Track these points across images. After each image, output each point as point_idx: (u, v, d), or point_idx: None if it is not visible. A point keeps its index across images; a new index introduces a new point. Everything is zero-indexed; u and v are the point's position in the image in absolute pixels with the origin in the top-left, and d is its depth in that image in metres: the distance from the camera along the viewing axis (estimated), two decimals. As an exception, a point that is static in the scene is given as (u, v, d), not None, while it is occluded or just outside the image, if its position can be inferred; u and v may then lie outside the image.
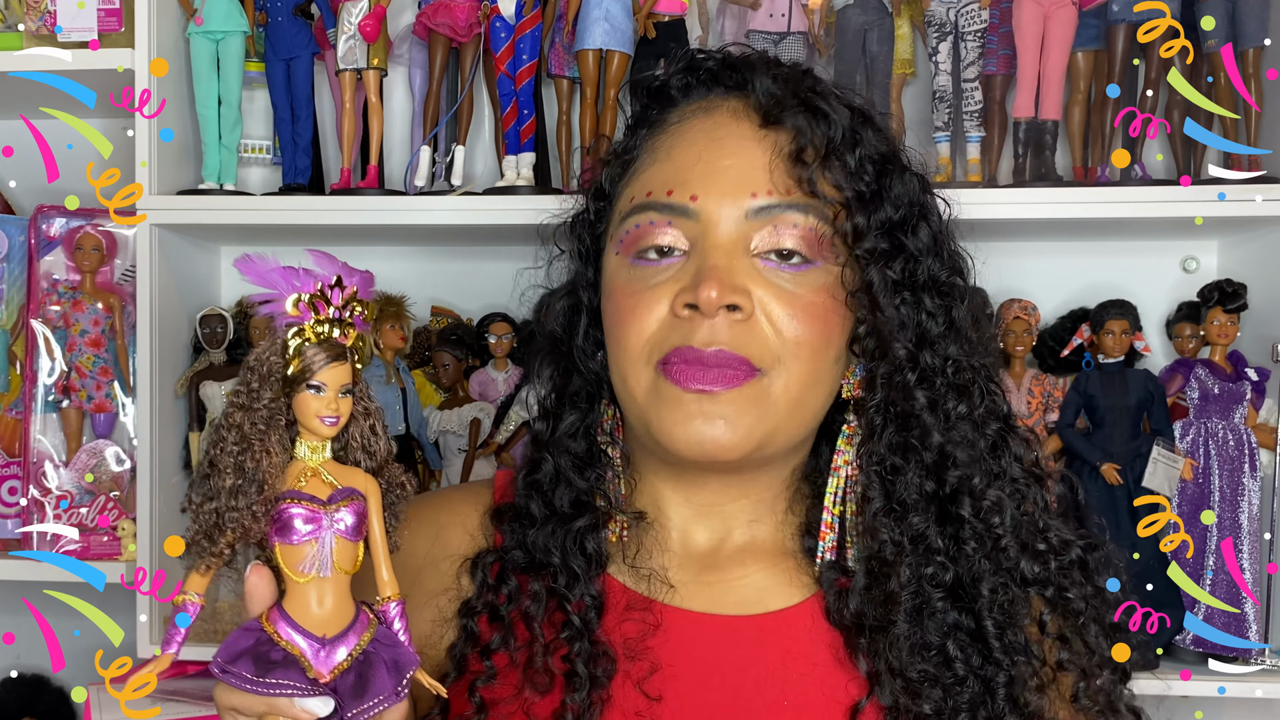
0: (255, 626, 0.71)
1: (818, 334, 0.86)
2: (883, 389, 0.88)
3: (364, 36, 1.51)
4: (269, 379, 0.72)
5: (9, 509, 1.63)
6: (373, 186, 1.56)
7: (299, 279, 0.74)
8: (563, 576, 0.90)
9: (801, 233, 0.86)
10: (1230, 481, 1.47)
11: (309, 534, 0.70)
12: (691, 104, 0.93)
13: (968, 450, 0.88)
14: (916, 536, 0.87)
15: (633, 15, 1.52)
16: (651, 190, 0.89)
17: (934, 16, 1.53)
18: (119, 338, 1.61)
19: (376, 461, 0.76)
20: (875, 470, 0.89)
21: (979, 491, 0.88)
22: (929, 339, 0.89)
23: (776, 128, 0.88)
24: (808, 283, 0.86)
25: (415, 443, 1.62)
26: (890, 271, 0.87)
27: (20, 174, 1.75)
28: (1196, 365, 1.51)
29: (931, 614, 0.86)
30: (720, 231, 0.85)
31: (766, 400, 0.85)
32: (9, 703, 1.74)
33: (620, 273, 0.90)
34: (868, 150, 0.89)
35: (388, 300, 1.63)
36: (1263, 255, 1.57)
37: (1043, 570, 0.89)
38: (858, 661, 0.87)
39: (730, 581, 0.92)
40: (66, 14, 1.51)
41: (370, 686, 0.71)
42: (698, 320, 0.84)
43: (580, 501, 0.92)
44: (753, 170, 0.86)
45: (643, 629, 0.88)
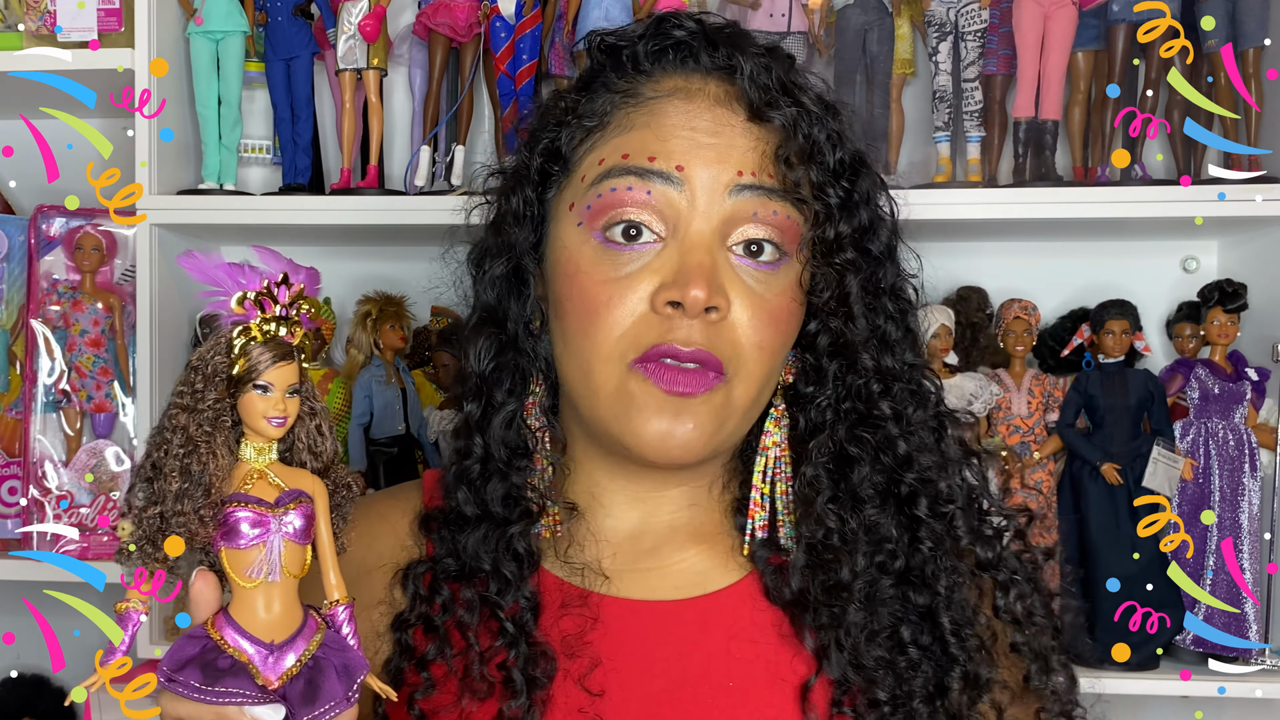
0: (201, 634, 0.69)
1: (778, 339, 0.85)
2: (837, 386, 0.88)
3: (364, 36, 1.51)
4: (213, 379, 0.70)
5: (9, 509, 1.63)
6: (373, 186, 1.56)
7: (244, 276, 0.71)
8: (495, 583, 0.87)
9: (780, 221, 0.84)
10: (1230, 481, 1.47)
11: (256, 538, 0.68)
12: (668, 79, 0.88)
13: (926, 455, 0.88)
14: (870, 527, 0.87)
15: (632, 15, 1.52)
16: (629, 154, 0.84)
17: (934, 16, 1.53)
18: (119, 338, 1.61)
19: (323, 463, 0.74)
20: (824, 462, 0.88)
21: (934, 490, 0.88)
22: (890, 345, 0.89)
23: (763, 123, 0.85)
24: (773, 285, 0.84)
25: (415, 443, 1.62)
26: (861, 281, 0.87)
27: (20, 174, 1.75)
28: (1196, 365, 1.51)
29: (883, 600, 0.86)
30: (703, 210, 0.82)
31: (728, 407, 0.84)
32: (9, 703, 1.74)
33: (584, 251, 0.84)
34: (845, 151, 0.88)
35: (388, 300, 1.63)
36: (1263, 255, 1.57)
37: (994, 554, 0.90)
38: (803, 638, 0.86)
39: (667, 566, 0.90)
40: (66, 14, 1.51)
41: (320, 692, 0.68)
42: (679, 319, 0.81)
43: (511, 498, 0.89)
44: (738, 151, 0.84)
45: (581, 624, 0.87)
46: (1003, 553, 0.90)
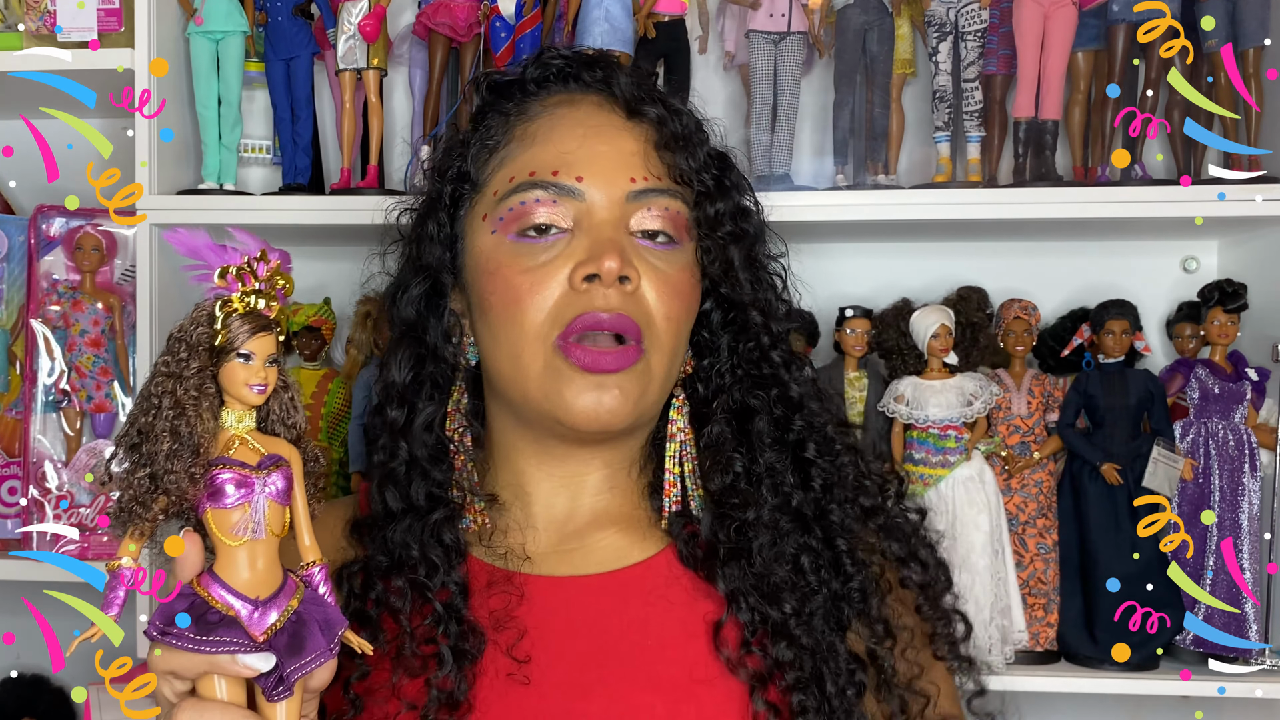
0: (188, 591, 0.72)
1: (683, 310, 0.95)
2: (730, 354, 1.00)
3: (364, 36, 1.51)
4: (196, 349, 0.73)
5: (9, 509, 1.63)
6: (373, 186, 1.56)
7: (226, 253, 0.75)
8: (423, 567, 0.93)
9: (670, 216, 0.95)
10: (1230, 481, 1.47)
11: (240, 498, 0.72)
12: (553, 96, 1.00)
13: (814, 403, 1.00)
14: (770, 470, 0.97)
15: (633, 15, 1.52)
16: (535, 170, 0.94)
17: (934, 16, 1.53)
18: (119, 338, 1.61)
19: (295, 433, 0.78)
20: (727, 419, 0.99)
21: (823, 435, 1.00)
22: (772, 309, 1.01)
23: (640, 120, 0.97)
24: (674, 262, 0.95)
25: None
26: (742, 250, 0.98)
27: (20, 174, 1.75)
28: (1196, 365, 1.51)
29: (785, 534, 0.95)
30: (604, 210, 0.93)
31: (647, 376, 0.93)
32: (9, 703, 1.74)
33: (500, 250, 0.94)
34: (708, 143, 1.00)
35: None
36: (1263, 255, 1.57)
37: (875, 502, 1.01)
38: (717, 584, 0.93)
39: (588, 547, 0.97)
40: (66, 14, 1.51)
41: (305, 644, 0.72)
42: (595, 290, 0.90)
43: (434, 495, 0.96)
44: (629, 156, 0.95)
45: (507, 600, 0.93)
46: (883, 503, 1.02)
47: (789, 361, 1.01)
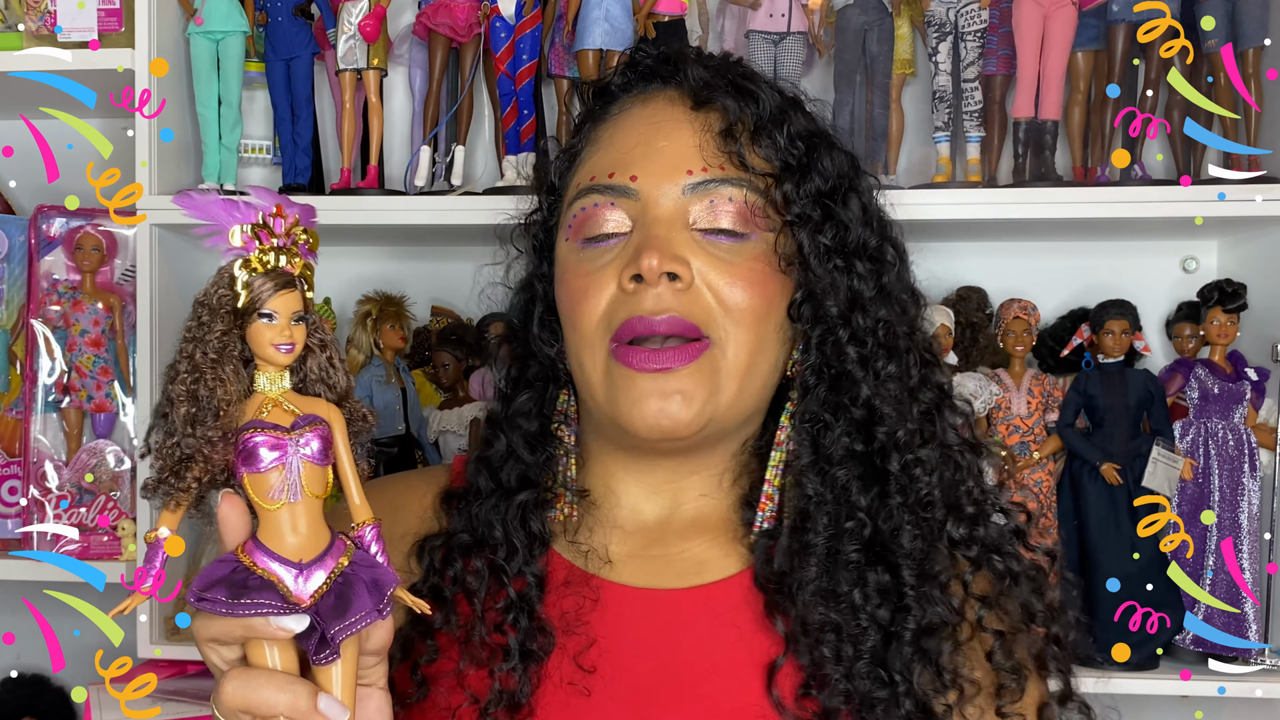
0: (231, 558, 0.71)
1: (758, 300, 0.89)
2: (817, 350, 0.92)
3: (364, 36, 1.51)
4: (219, 311, 0.72)
5: (9, 509, 1.63)
6: (373, 186, 1.56)
7: (239, 210, 0.73)
8: (503, 550, 0.91)
9: (736, 207, 0.90)
10: (1230, 481, 1.47)
11: (275, 460, 0.70)
12: (631, 97, 0.98)
13: (895, 407, 0.90)
14: (840, 490, 0.90)
15: (633, 15, 1.52)
16: (595, 175, 0.93)
17: (934, 16, 1.53)
18: (119, 338, 1.61)
19: (336, 394, 0.76)
20: (805, 427, 0.92)
21: (906, 447, 0.90)
22: (860, 301, 0.91)
23: (708, 108, 0.93)
24: (745, 253, 0.90)
25: (415, 443, 1.62)
26: (821, 237, 0.91)
27: (20, 174, 1.75)
28: (1196, 365, 1.51)
29: (845, 565, 0.88)
30: (659, 207, 0.89)
31: (718, 373, 0.88)
32: (9, 703, 1.74)
33: (570, 257, 0.93)
34: (796, 127, 0.93)
35: (388, 300, 1.63)
36: (1263, 255, 1.57)
37: (968, 532, 0.91)
38: (775, 622, 0.89)
39: (672, 555, 0.94)
40: (66, 14, 1.51)
41: (351, 605, 0.70)
42: (643, 291, 0.87)
43: (527, 478, 0.95)
44: (687, 149, 0.91)
45: (580, 603, 0.91)
46: (981, 534, 0.92)
47: (870, 358, 0.91)
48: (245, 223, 0.72)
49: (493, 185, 1.56)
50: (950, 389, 0.96)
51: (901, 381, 0.92)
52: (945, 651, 0.87)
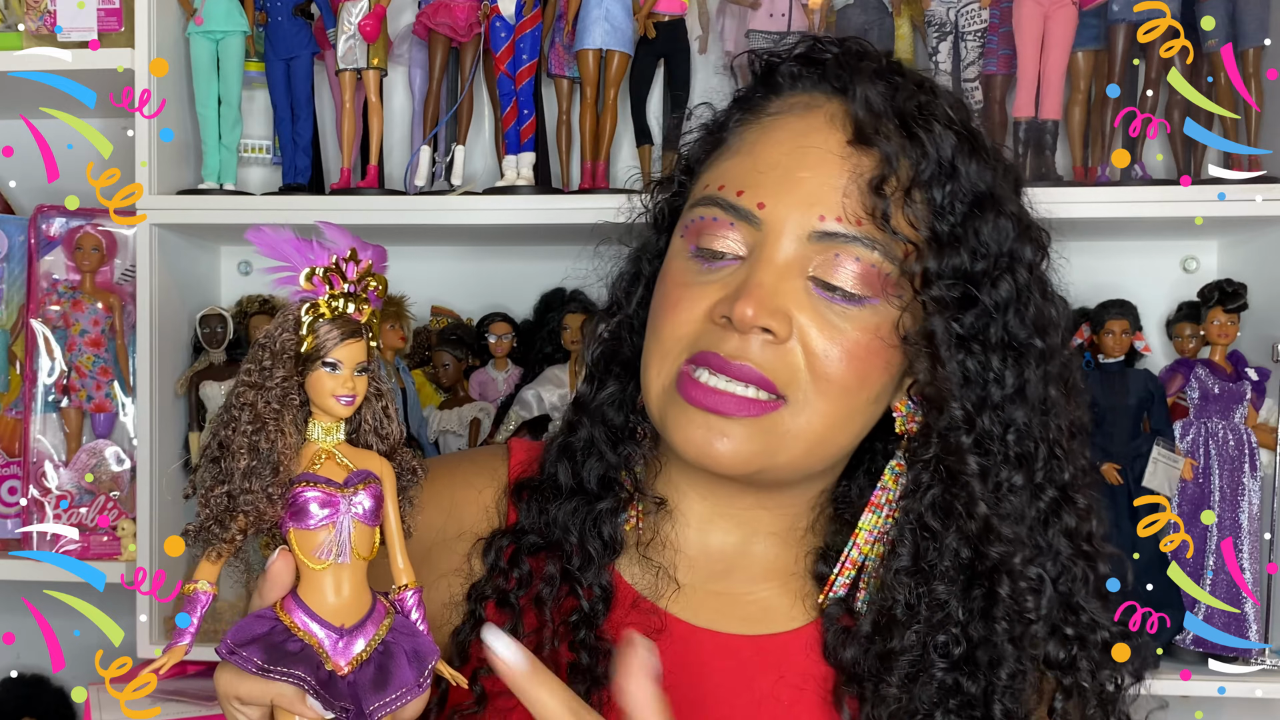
0: (270, 615, 0.68)
1: (853, 375, 0.81)
2: (937, 445, 0.83)
3: (364, 36, 1.51)
4: (281, 356, 0.68)
5: (9, 509, 1.63)
6: (373, 186, 1.56)
7: (313, 251, 0.69)
8: (577, 558, 0.87)
9: (862, 269, 0.80)
10: (1230, 481, 1.47)
11: (325, 518, 0.67)
12: (794, 96, 0.87)
13: (1014, 526, 0.82)
14: (936, 604, 0.83)
15: (633, 15, 1.52)
16: (724, 184, 0.84)
17: (934, 16, 1.53)
18: (119, 338, 1.61)
19: (389, 445, 0.73)
20: (910, 527, 0.84)
21: (1019, 571, 0.82)
22: (991, 402, 0.82)
23: (865, 148, 0.82)
24: (858, 320, 0.81)
25: (415, 443, 1.62)
26: (957, 325, 0.81)
27: (20, 174, 1.75)
28: (1196, 365, 1.51)
29: (929, 682, 0.82)
30: (779, 247, 0.81)
31: (778, 434, 0.81)
32: (9, 703, 1.74)
33: (678, 258, 0.86)
34: (960, 187, 0.82)
35: (388, 300, 1.63)
36: (1263, 255, 1.57)
37: (1066, 656, 0.85)
38: (842, 708, 0.85)
39: (737, 595, 0.90)
40: (66, 14, 1.51)
41: (392, 679, 0.68)
42: (730, 332, 0.80)
43: (607, 480, 0.89)
44: (828, 190, 0.81)
45: (646, 632, 0.84)
46: (1078, 657, 0.85)
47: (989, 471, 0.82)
48: (318, 265, 0.69)
49: (493, 185, 1.56)
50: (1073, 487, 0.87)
51: (1026, 490, 0.84)
52: None
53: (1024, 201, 0.89)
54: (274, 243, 0.70)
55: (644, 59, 1.55)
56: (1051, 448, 0.85)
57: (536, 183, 1.55)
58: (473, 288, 1.75)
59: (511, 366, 1.65)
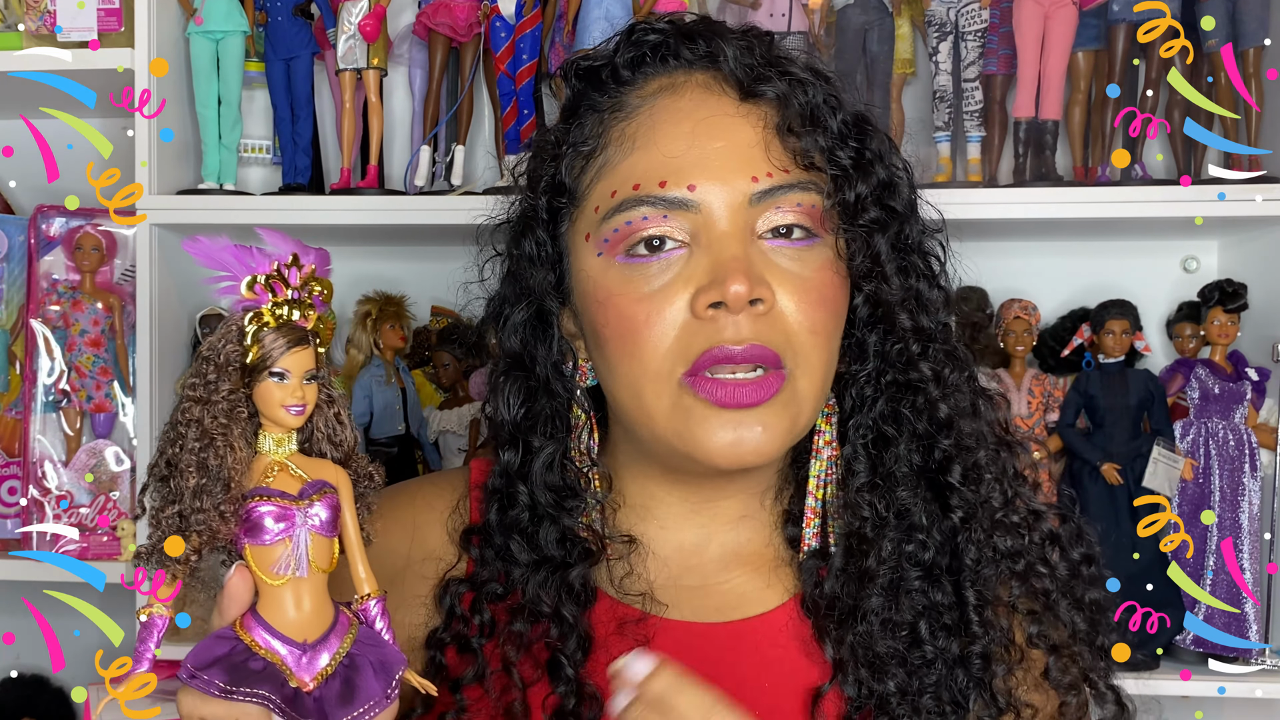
0: (230, 634, 0.66)
1: (830, 319, 0.82)
2: (877, 359, 0.85)
3: (364, 36, 1.51)
4: (226, 368, 0.66)
5: (9, 509, 1.63)
6: (373, 186, 1.56)
7: (253, 259, 0.68)
8: (556, 627, 0.84)
9: (805, 210, 0.81)
10: (1230, 481, 1.47)
11: (281, 532, 0.65)
12: (650, 81, 0.86)
13: (966, 421, 0.85)
14: (901, 511, 0.84)
15: (633, 15, 1.52)
16: (639, 182, 0.81)
17: (934, 16, 1.53)
18: (119, 338, 1.61)
19: (343, 452, 0.71)
20: (863, 443, 0.86)
21: (972, 459, 0.85)
22: (925, 304, 0.85)
23: (756, 100, 0.83)
24: (814, 261, 0.82)
25: (415, 443, 1.62)
26: (894, 239, 0.84)
27: (20, 174, 1.75)
28: (1197, 365, 1.51)
29: (907, 591, 0.84)
30: (726, 219, 0.80)
31: (796, 403, 0.81)
32: (9, 703, 1.74)
33: (609, 275, 0.82)
34: (846, 113, 0.85)
35: (388, 300, 1.63)
36: (1263, 255, 1.57)
37: (1015, 543, 0.86)
38: (825, 647, 0.85)
39: (711, 587, 0.89)
40: (66, 14, 1.51)
41: (359, 692, 0.66)
42: (723, 318, 0.78)
43: (567, 540, 0.87)
44: (748, 149, 0.81)
45: (634, 646, 0.84)
46: (1025, 544, 0.86)
47: (940, 369, 0.85)
48: (258, 272, 0.67)
49: (493, 185, 1.56)
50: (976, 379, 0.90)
51: (962, 388, 0.86)
52: (999, 674, 0.83)
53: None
54: (212, 251, 0.68)
55: (644, 59, 1.55)
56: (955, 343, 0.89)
57: (536, 183, 1.55)
58: (473, 288, 1.75)
59: (511, 366, 1.65)
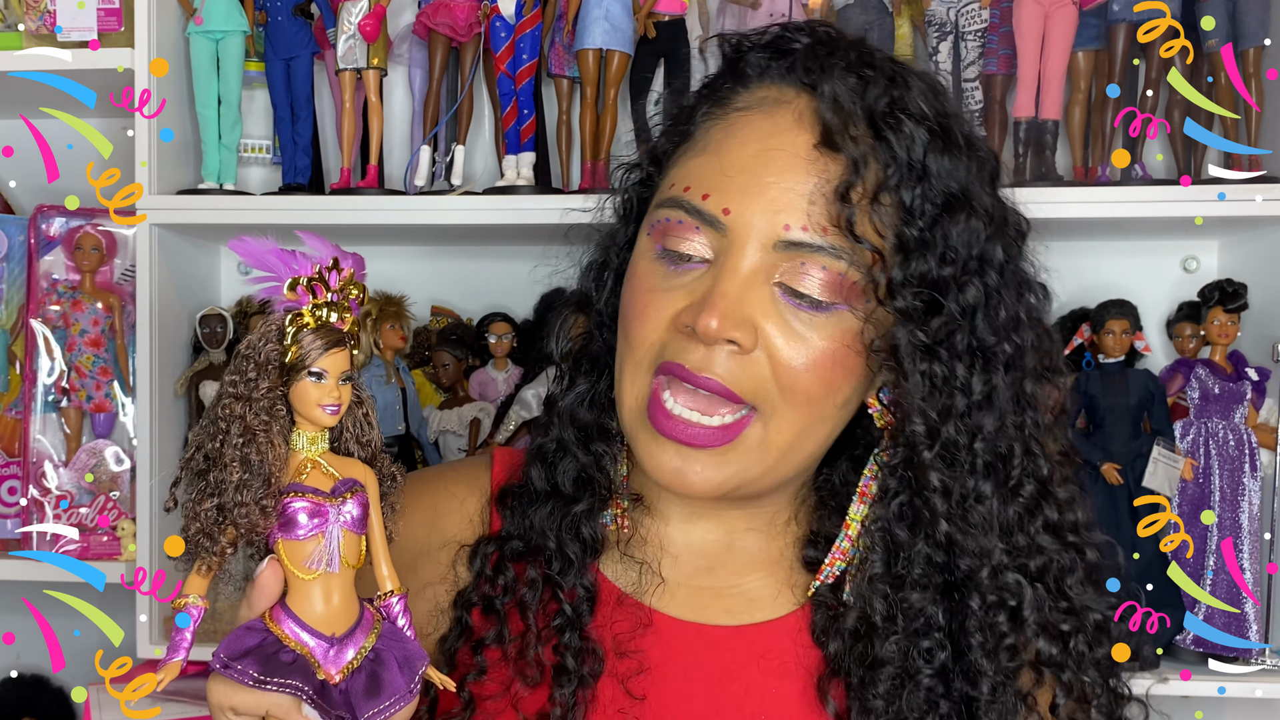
0: (260, 626, 0.68)
1: (819, 384, 0.80)
2: (903, 452, 0.82)
3: (364, 36, 1.51)
4: (266, 367, 0.68)
5: (9, 509, 1.63)
6: (373, 186, 1.56)
7: (296, 261, 0.70)
8: (557, 562, 0.87)
9: (828, 278, 0.79)
10: (1230, 481, 1.47)
11: (314, 528, 0.68)
12: (763, 88, 0.85)
13: (982, 538, 0.81)
14: (913, 612, 0.82)
15: (633, 15, 1.52)
16: (690, 185, 0.82)
17: (934, 16, 1.53)
18: (119, 337, 1.61)
19: (370, 452, 0.73)
20: (879, 534, 0.84)
21: (988, 585, 0.82)
22: (956, 411, 0.80)
23: (832, 153, 0.80)
24: (824, 328, 0.80)
25: (415, 443, 1.62)
26: (922, 334, 0.80)
27: (20, 174, 1.75)
28: (1197, 365, 1.51)
29: (916, 689, 0.82)
30: (745, 255, 0.79)
31: (749, 449, 0.81)
32: (9, 703, 1.74)
33: (645, 257, 0.84)
34: (931, 188, 0.80)
35: (388, 300, 1.63)
36: (1263, 255, 1.57)
37: (1060, 652, 0.84)
38: (828, 699, 0.85)
39: (721, 589, 0.90)
40: (66, 14, 1.51)
41: (384, 686, 0.68)
42: (695, 341, 0.79)
43: (582, 480, 0.89)
44: (794, 197, 0.79)
45: (633, 626, 0.87)
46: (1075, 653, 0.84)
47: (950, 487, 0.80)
48: (301, 275, 0.69)
49: (493, 185, 1.56)
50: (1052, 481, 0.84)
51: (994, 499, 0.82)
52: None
53: (1002, 192, 0.88)
54: (257, 252, 0.70)
55: (644, 59, 1.55)
56: (1027, 444, 0.83)
57: (536, 183, 1.55)
58: (473, 288, 1.75)
59: (511, 366, 1.65)
